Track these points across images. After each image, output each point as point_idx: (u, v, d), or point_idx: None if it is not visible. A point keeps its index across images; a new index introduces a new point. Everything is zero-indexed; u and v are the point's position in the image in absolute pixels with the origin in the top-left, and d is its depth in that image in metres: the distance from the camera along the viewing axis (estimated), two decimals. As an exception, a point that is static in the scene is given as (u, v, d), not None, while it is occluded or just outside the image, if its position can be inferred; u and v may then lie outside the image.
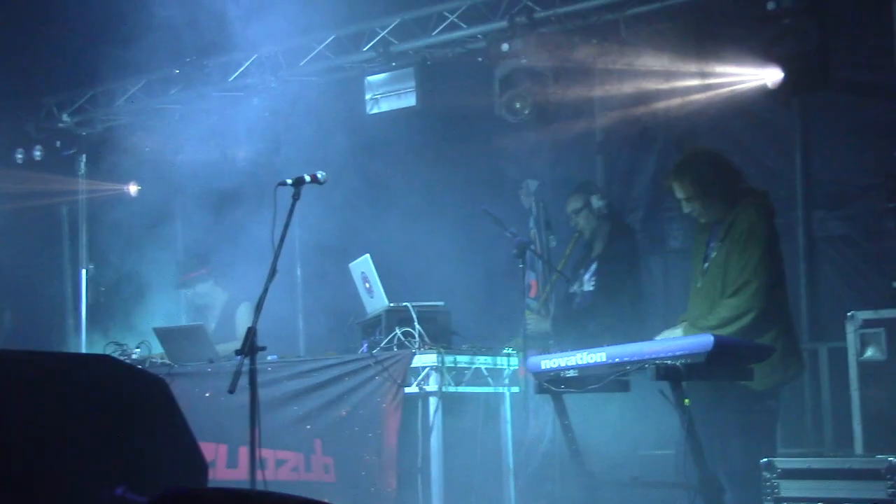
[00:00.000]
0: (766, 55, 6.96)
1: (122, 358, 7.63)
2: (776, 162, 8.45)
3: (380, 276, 6.86)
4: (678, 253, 8.26)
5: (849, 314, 6.00)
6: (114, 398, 4.46)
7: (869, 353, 5.93)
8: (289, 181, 5.61)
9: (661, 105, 7.58)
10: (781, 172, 8.38)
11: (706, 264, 5.69)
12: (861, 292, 7.85)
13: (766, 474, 5.31)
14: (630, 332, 6.33)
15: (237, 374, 5.18)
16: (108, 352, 7.38)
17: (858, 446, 5.87)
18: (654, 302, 8.04)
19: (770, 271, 5.58)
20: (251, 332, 5.26)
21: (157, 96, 9.31)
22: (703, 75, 7.25)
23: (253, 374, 5.30)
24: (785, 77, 6.89)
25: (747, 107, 7.33)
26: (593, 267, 7.03)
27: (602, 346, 5.36)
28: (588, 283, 7.03)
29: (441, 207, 8.61)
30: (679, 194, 5.76)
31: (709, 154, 5.92)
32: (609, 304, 6.78)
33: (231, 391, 5.17)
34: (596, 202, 7.10)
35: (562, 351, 5.56)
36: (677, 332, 5.56)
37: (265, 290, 5.38)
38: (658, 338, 5.51)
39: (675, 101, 7.47)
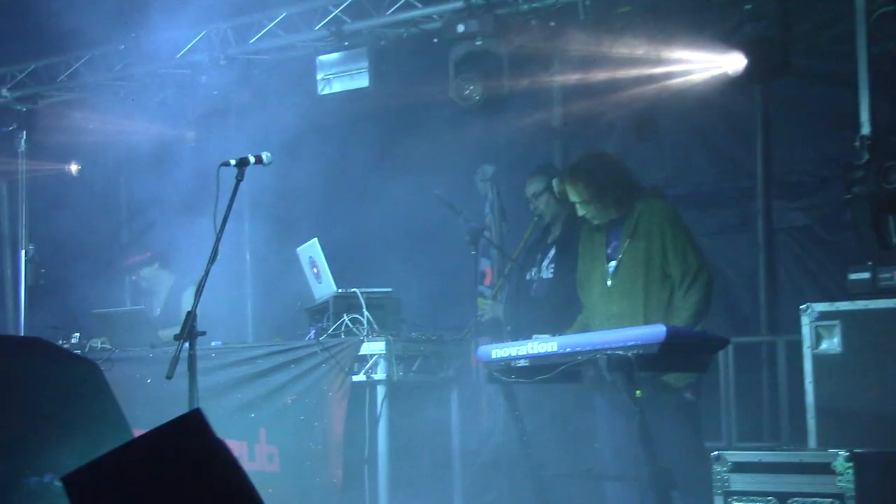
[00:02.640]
0: (728, 41, 6.84)
1: (60, 342, 7.44)
2: (737, 151, 8.36)
3: (328, 260, 6.70)
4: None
5: (803, 306, 5.90)
6: (42, 382, 4.33)
7: (824, 345, 5.83)
8: (232, 162, 5.42)
9: (621, 90, 7.45)
10: (742, 162, 8.30)
11: (612, 263, 5.68)
12: (820, 284, 7.78)
13: (717, 468, 5.22)
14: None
15: (175, 360, 5.02)
16: (46, 336, 7.14)
17: (812, 440, 5.79)
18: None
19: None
20: (190, 317, 5.10)
21: (102, 72, 9.02)
22: (664, 61, 7.12)
23: (192, 359, 5.13)
24: (747, 64, 6.76)
25: (707, 94, 7.20)
26: (552, 253, 6.71)
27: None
28: (547, 270, 6.75)
29: (393, 191, 8.41)
30: (573, 198, 5.78)
31: (601, 157, 6.03)
32: (568, 293, 6.56)
33: (168, 377, 5.00)
34: (557, 185, 6.87)
35: (516, 339, 5.42)
36: None
37: (206, 274, 5.21)
38: None
39: (635, 87, 7.34)
